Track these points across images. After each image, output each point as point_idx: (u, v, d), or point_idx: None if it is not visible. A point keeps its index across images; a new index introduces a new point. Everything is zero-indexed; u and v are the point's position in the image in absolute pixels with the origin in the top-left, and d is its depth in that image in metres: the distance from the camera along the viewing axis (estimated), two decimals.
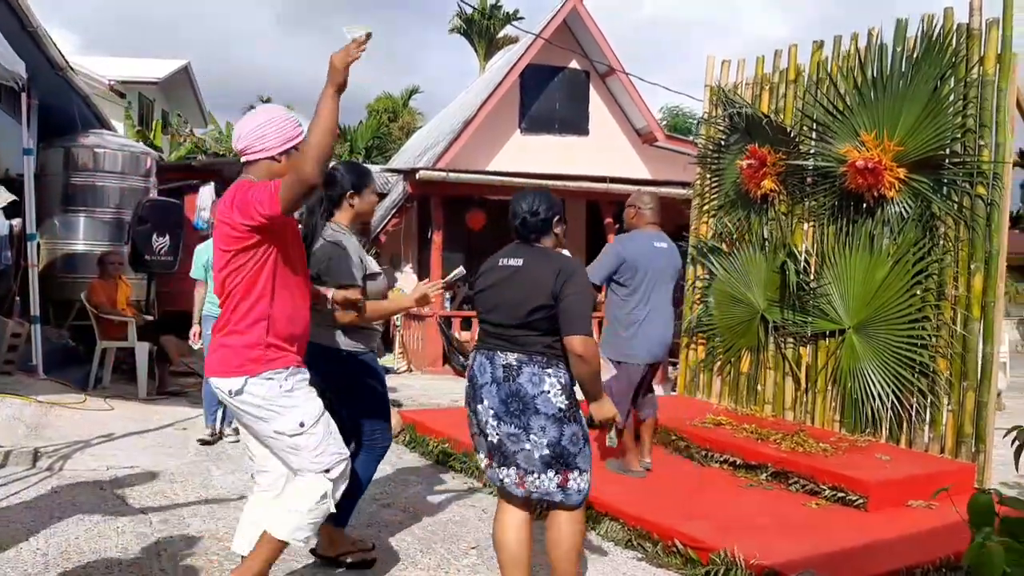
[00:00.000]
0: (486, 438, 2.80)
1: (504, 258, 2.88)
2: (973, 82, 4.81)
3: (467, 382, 2.89)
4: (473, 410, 2.84)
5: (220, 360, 2.59)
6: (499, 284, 2.82)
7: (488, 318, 2.84)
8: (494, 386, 2.74)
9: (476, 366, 2.83)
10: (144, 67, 22.50)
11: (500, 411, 2.73)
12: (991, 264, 4.72)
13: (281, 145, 2.59)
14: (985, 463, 4.66)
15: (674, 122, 29.43)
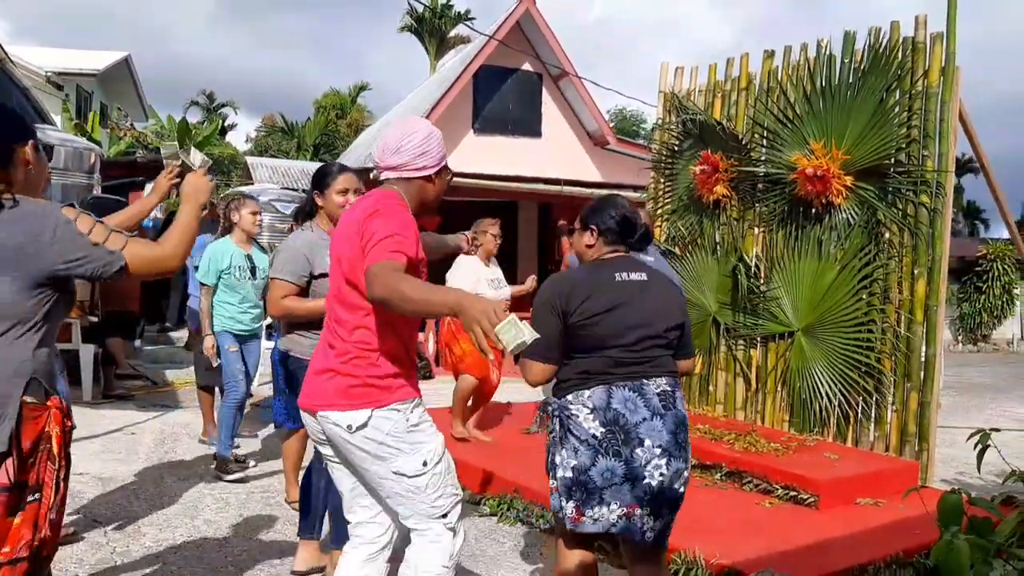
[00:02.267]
0: (638, 482, 2.33)
1: (620, 272, 2.48)
2: (918, 94, 4.99)
3: (595, 428, 2.35)
4: (625, 459, 2.33)
5: (337, 390, 2.19)
6: (631, 302, 2.44)
7: (622, 343, 2.40)
8: (658, 419, 2.36)
9: (618, 404, 2.36)
10: (82, 59, 21.84)
11: (671, 446, 2.36)
12: (934, 270, 4.91)
13: (437, 164, 2.32)
14: (928, 461, 4.84)
15: (621, 125, 29.80)
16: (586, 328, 2.41)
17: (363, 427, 2.15)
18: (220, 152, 24.73)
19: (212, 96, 34.40)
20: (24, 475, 1.80)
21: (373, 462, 2.18)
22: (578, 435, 2.36)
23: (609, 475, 2.33)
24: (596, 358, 2.41)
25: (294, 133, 29.67)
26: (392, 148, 2.28)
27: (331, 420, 2.18)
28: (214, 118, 31.64)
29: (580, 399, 2.39)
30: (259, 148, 32.12)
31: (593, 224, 2.57)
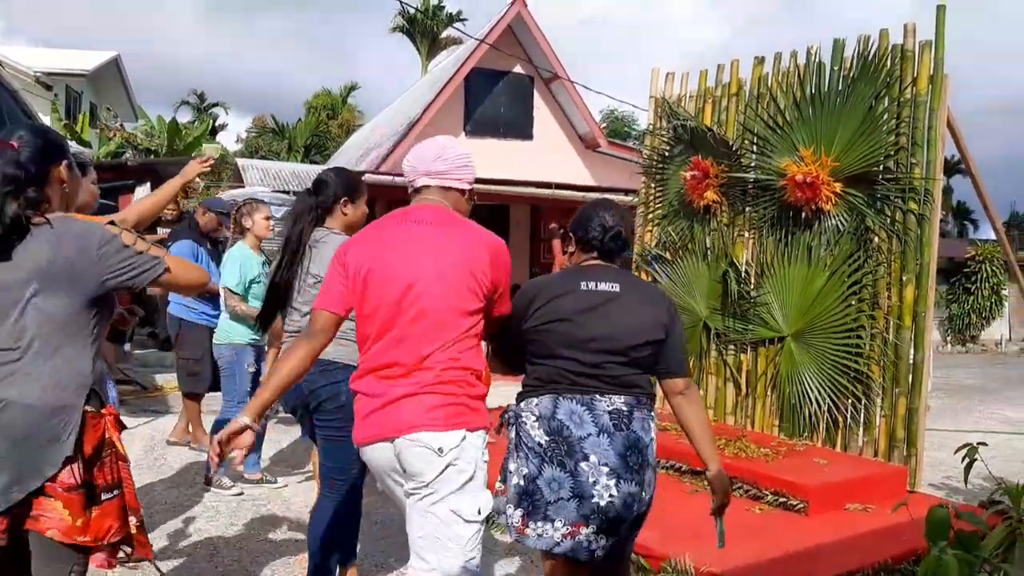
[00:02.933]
0: (584, 500, 2.24)
1: (588, 281, 2.37)
2: (906, 102, 5.03)
3: (539, 436, 2.29)
4: (570, 471, 2.24)
5: (429, 409, 2.07)
6: (591, 312, 2.33)
7: (575, 354, 2.32)
8: (604, 437, 2.26)
9: (564, 415, 2.29)
10: (72, 59, 21.77)
11: (619, 467, 2.26)
12: (922, 276, 4.94)
13: (471, 182, 2.36)
14: (916, 466, 4.88)
15: (613, 126, 29.83)
16: (539, 333, 2.36)
17: (456, 447, 2.06)
18: None
19: (203, 96, 34.32)
20: (91, 476, 2.01)
21: (446, 488, 2.06)
22: (527, 443, 2.31)
23: (556, 486, 2.25)
24: (548, 366, 2.36)
25: (285, 134, 29.60)
26: (432, 156, 2.30)
27: (421, 442, 2.04)
28: (205, 118, 31.52)
29: (530, 406, 2.35)
30: (250, 149, 32.03)
31: (572, 231, 2.52)
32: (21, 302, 1.96)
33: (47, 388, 1.96)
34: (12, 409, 1.93)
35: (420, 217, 2.24)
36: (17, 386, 1.95)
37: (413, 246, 2.18)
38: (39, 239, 1.98)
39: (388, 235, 2.24)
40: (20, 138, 2.05)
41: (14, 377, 1.95)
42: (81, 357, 2.02)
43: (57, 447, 1.95)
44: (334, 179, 3.17)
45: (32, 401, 1.94)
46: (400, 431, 2.07)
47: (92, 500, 2.00)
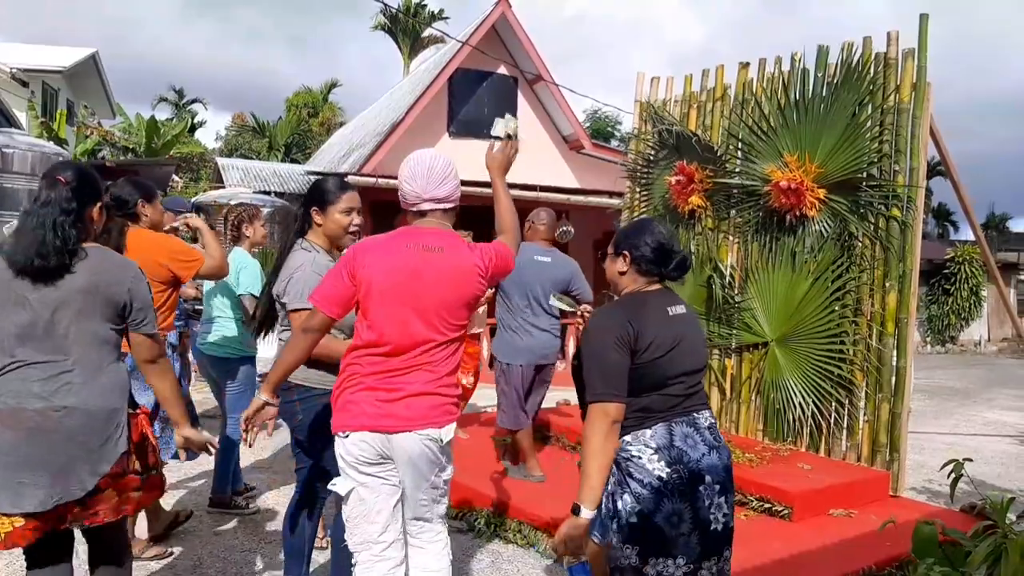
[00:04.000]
0: (705, 531, 2.24)
1: (669, 307, 2.40)
2: (889, 109, 5.06)
3: (659, 470, 2.23)
4: (689, 498, 2.23)
5: (434, 408, 2.41)
6: (685, 337, 2.37)
7: (680, 379, 2.34)
8: (714, 454, 2.29)
9: (679, 441, 2.27)
10: (48, 55, 21.50)
11: (726, 481, 2.31)
12: (904, 282, 4.98)
13: (458, 193, 2.55)
14: (899, 471, 4.91)
15: (596, 126, 29.88)
16: (655, 366, 2.29)
17: (450, 438, 2.43)
18: (190, 151, 24.39)
19: (181, 92, 33.96)
20: (139, 463, 2.42)
21: (438, 469, 2.44)
22: (640, 478, 2.24)
23: (676, 520, 2.21)
24: (656, 395, 2.31)
25: (265, 132, 29.37)
26: (440, 177, 2.44)
27: (430, 436, 2.38)
28: (183, 115, 31.24)
29: (641, 439, 2.28)
30: (229, 147, 31.75)
31: (626, 250, 2.44)
32: (66, 320, 2.28)
33: (103, 395, 2.31)
34: (75, 415, 2.25)
35: (431, 243, 2.41)
36: (75, 394, 2.26)
37: (427, 272, 2.39)
38: (82, 266, 2.32)
39: (402, 259, 2.40)
40: (67, 177, 2.36)
41: (71, 387, 2.26)
42: (119, 367, 2.40)
43: (113, 446, 2.30)
44: (310, 187, 3.12)
45: (92, 407, 2.28)
46: (410, 427, 2.36)
47: (139, 486, 2.42)
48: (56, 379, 2.25)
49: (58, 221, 2.27)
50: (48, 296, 2.26)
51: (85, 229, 2.37)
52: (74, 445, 2.23)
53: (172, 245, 3.69)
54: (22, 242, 2.27)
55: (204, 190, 17.98)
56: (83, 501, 2.26)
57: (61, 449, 2.23)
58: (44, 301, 2.26)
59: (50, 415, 2.23)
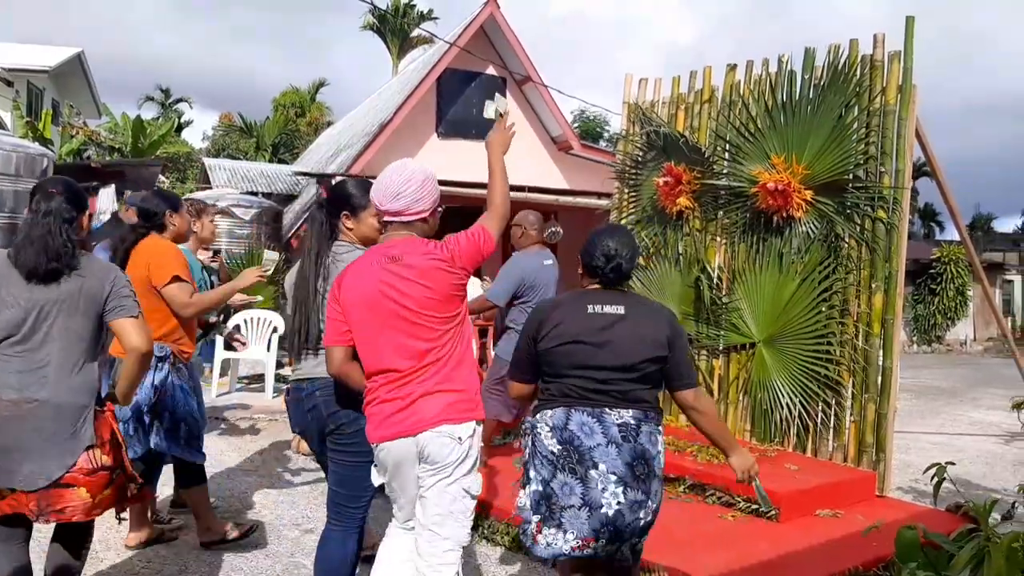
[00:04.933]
0: (594, 511, 2.42)
1: (594, 304, 2.59)
2: (875, 111, 5.09)
3: (552, 445, 2.50)
4: (580, 477, 2.44)
5: (447, 405, 2.41)
6: (599, 333, 2.54)
7: (586, 373, 2.53)
8: (612, 447, 2.44)
9: (575, 426, 2.48)
10: (33, 54, 21.34)
11: (626, 476, 2.43)
12: (890, 283, 5.01)
13: (432, 206, 2.59)
14: (885, 471, 4.94)
15: (585, 127, 29.90)
16: (551, 354, 2.57)
17: (471, 437, 2.42)
18: (176, 150, 24.25)
19: (168, 92, 33.78)
20: (109, 459, 2.54)
21: (455, 471, 2.42)
22: (541, 451, 2.52)
23: (568, 490, 2.43)
24: (561, 383, 2.57)
25: (252, 132, 29.24)
26: (392, 193, 2.50)
27: (448, 433, 2.38)
28: (170, 114, 31.08)
29: (544, 418, 2.55)
30: (216, 147, 31.59)
31: (580, 256, 2.72)
32: (51, 320, 2.47)
33: (72, 391, 2.48)
34: (45, 408, 2.43)
35: (391, 253, 2.49)
36: (48, 388, 2.44)
37: (393, 284, 2.44)
38: (78, 268, 2.52)
39: (370, 280, 2.48)
40: (57, 188, 2.60)
41: (45, 381, 2.44)
42: (92, 366, 2.57)
43: (77, 440, 2.45)
44: (334, 194, 3.06)
45: (60, 401, 2.45)
46: (422, 428, 2.39)
47: (109, 482, 2.53)
48: (33, 373, 2.44)
49: (62, 228, 2.52)
50: (40, 296, 2.47)
51: (78, 237, 2.61)
52: (42, 436, 2.41)
53: (159, 247, 3.66)
54: (32, 248, 2.49)
55: (191, 190, 17.91)
56: (48, 494, 2.41)
57: (30, 438, 2.41)
58: (35, 301, 2.47)
59: (23, 406, 2.42)
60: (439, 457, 2.40)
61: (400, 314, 2.43)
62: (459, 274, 2.48)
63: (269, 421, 7.16)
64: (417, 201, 2.53)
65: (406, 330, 2.43)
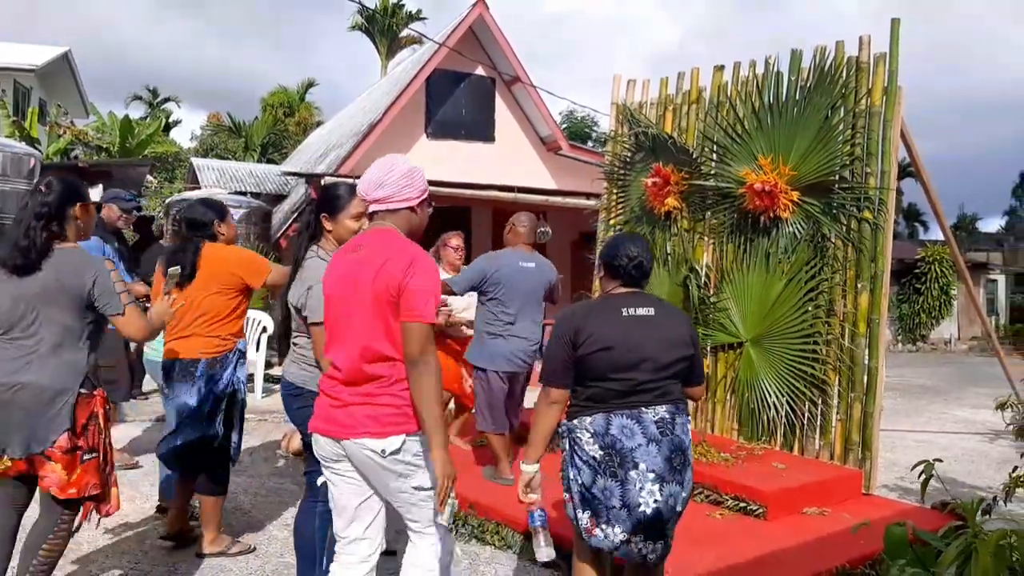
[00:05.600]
0: (632, 511, 2.53)
1: (627, 308, 2.68)
2: (861, 113, 5.13)
3: (594, 451, 2.59)
4: (620, 480, 2.54)
5: (372, 418, 2.36)
6: (635, 336, 2.63)
7: (626, 375, 2.61)
8: (653, 446, 2.55)
9: (616, 431, 2.58)
10: (20, 53, 21.18)
11: (664, 471, 2.55)
12: (876, 283, 5.05)
13: (420, 196, 2.53)
14: (872, 469, 4.98)
15: (573, 127, 29.94)
16: (592, 359, 2.63)
17: (396, 452, 2.36)
18: (164, 150, 24.12)
19: (155, 91, 33.56)
20: (82, 441, 2.73)
21: (396, 479, 2.40)
22: (581, 456, 2.62)
23: (608, 494, 2.55)
24: (599, 387, 2.64)
25: (241, 132, 29.12)
26: (376, 182, 2.47)
27: (367, 447, 2.36)
28: (157, 114, 30.89)
29: (583, 424, 2.63)
30: (205, 147, 31.44)
31: (602, 260, 2.82)
32: (36, 309, 2.69)
33: (52, 375, 2.68)
34: (28, 390, 2.66)
35: (358, 243, 2.51)
36: (31, 373, 2.66)
37: (354, 276, 2.43)
38: (53, 262, 2.72)
39: (337, 270, 2.52)
40: (48, 183, 2.79)
41: (30, 366, 2.67)
42: (78, 352, 2.76)
43: (59, 420, 2.67)
44: (320, 194, 3.11)
45: (42, 384, 2.67)
46: (347, 435, 2.38)
47: (80, 461, 2.71)
48: (20, 359, 2.68)
49: (33, 225, 2.70)
50: (25, 289, 2.69)
51: (62, 232, 2.78)
52: (25, 415, 2.65)
53: (242, 256, 3.86)
54: (7, 245, 2.73)
55: (179, 190, 17.83)
56: (31, 463, 2.68)
57: (15, 417, 2.66)
58: (22, 294, 2.69)
59: (10, 388, 2.67)
60: (368, 469, 2.42)
61: (350, 309, 2.43)
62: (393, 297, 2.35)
63: (259, 421, 7.14)
64: (402, 188, 2.48)
65: (356, 326, 2.40)
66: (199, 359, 3.68)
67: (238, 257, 3.82)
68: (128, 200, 5.60)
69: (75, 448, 2.69)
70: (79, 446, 2.71)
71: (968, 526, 2.16)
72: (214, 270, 3.73)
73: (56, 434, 2.66)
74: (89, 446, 2.74)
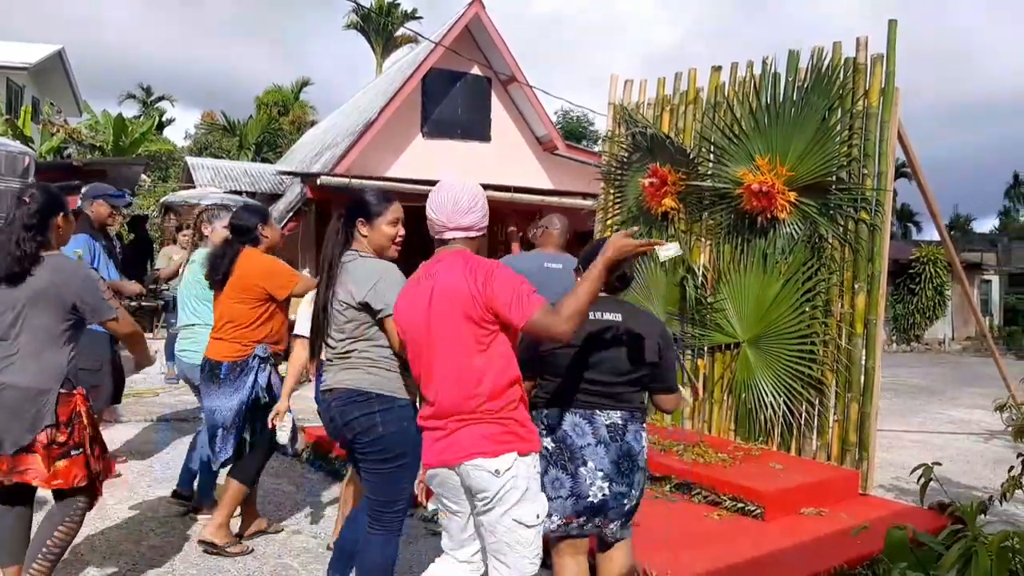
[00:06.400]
0: (580, 499, 2.63)
1: (594, 311, 2.67)
2: (858, 114, 5.14)
3: (547, 443, 2.67)
4: (571, 473, 2.64)
5: (484, 438, 2.35)
6: (597, 338, 2.69)
7: (584, 375, 2.68)
8: (601, 447, 2.64)
9: (568, 427, 2.67)
10: (13, 51, 21.08)
11: (611, 472, 2.63)
12: (873, 284, 5.06)
13: (484, 221, 2.57)
14: (868, 470, 4.99)
15: (568, 127, 29.96)
16: (552, 356, 2.70)
17: (509, 469, 2.33)
18: (158, 149, 24.04)
19: (149, 90, 33.44)
20: (64, 437, 2.85)
21: (503, 510, 2.35)
22: None
23: (558, 484, 2.64)
24: (557, 384, 2.72)
25: (235, 131, 29.05)
26: (465, 208, 2.49)
27: (481, 468, 2.34)
28: (151, 112, 30.78)
29: (540, 415, 2.71)
30: (199, 146, 31.34)
31: (580, 265, 2.87)
32: (19, 314, 2.82)
33: (35, 376, 2.82)
34: (10, 390, 2.80)
35: (431, 271, 2.50)
36: (13, 374, 2.80)
37: (430, 303, 2.43)
38: (46, 268, 2.84)
39: (411, 296, 2.53)
40: (32, 195, 2.92)
41: (12, 368, 2.81)
42: (58, 355, 2.88)
43: (40, 418, 2.80)
44: (351, 201, 3.07)
45: (24, 385, 2.80)
46: (459, 459, 2.37)
47: (63, 455, 2.85)
48: (3, 360, 2.82)
49: (21, 236, 2.83)
50: (15, 295, 2.81)
51: (47, 240, 2.91)
52: (8, 413, 2.78)
53: (269, 267, 3.91)
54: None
55: (173, 189, 17.76)
56: (16, 459, 2.80)
57: (1, 415, 2.79)
58: (13, 300, 2.82)
59: None
60: (479, 491, 2.38)
61: (431, 337, 2.42)
62: (482, 313, 2.36)
63: None
64: (484, 216, 2.54)
65: (439, 353, 2.42)
66: (222, 362, 3.85)
67: (264, 269, 3.90)
68: (117, 196, 5.55)
69: (53, 443, 2.81)
70: (59, 441, 2.82)
71: (968, 528, 2.16)
72: (241, 279, 3.86)
73: (36, 431, 2.79)
74: (75, 442, 2.87)
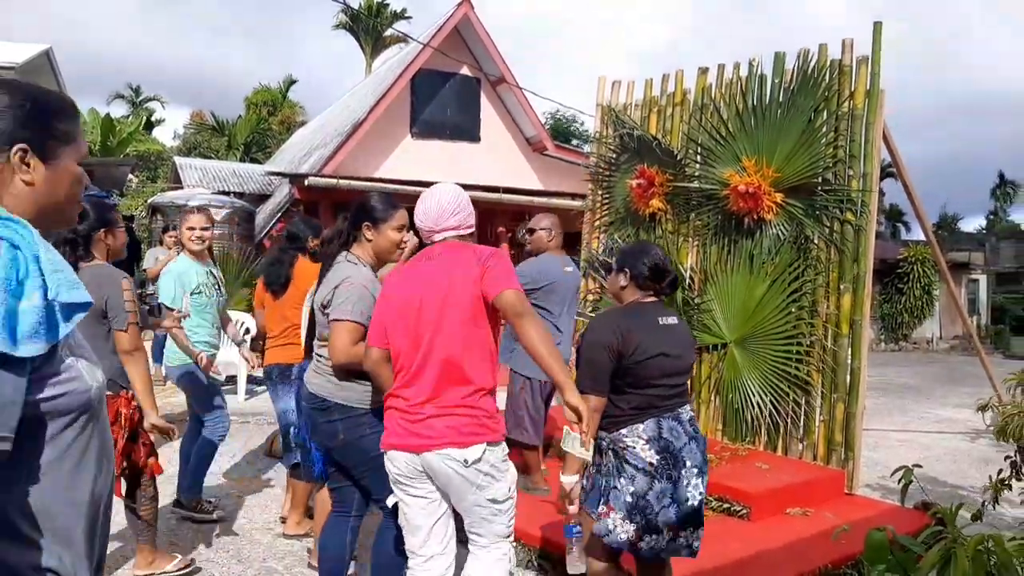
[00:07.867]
0: (681, 505, 2.68)
1: (661, 317, 2.85)
2: (844, 115, 5.17)
3: (651, 457, 2.68)
4: (674, 480, 2.68)
5: (454, 429, 2.42)
6: (672, 343, 2.79)
7: (669, 381, 2.77)
8: (693, 443, 2.74)
9: (667, 433, 2.71)
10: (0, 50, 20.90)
11: (702, 464, 2.75)
12: (858, 284, 5.09)
13: (471, 220, 2.70)
14: (854, 469, 5.02)
15: (556, 127, 29.99)
16: (641, 367, 2.73)
17: (477, 461, 2.41)
18: (146, 149, 23.96)
19: (138, 90, 33.30)
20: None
21: (475, 492, 2.45)
22: (635, 464, 2.69)
23: (663, 496, 2.66)
24: (641, 395, 2.74)
25: (224, 131, 28.94)
26: (451, 210, 2.58)
27: (450, 457, 2.40)
28: (139, 112, 30.67)
29: (635, 432, 2.71)
30: (187, 146, 31.22)
31: (627, 267, 2.90)
32: None
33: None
34: None
35: (431, 253, 2.59)
36: None
37: (427, 283, 2.50)
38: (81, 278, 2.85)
39: (408, 275, 2.58)
40: (82, 212, 2.99)
41: None
42: (104, 356, 2.99)
43: None
44: (358, 204, 3.08)
45: None
46: (429, 447, 2.42)
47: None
48: None
49: (62, 252, 2.95)
50: None
51: (87, 254, 3.22)
52: None
53: None
54: None
55: (161, 190, 17.69)
56: None
57: None
58: None
59: None
60: (446, 480, 2.45)
61: (424, 317, 2.47)
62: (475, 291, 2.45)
63: (241, 424, 7.10)
64: (470, 215, 2.64)
65: (429, 335, 2.45)
66: (292, 364, 4.04)
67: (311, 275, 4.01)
68: (102, 198, 5.54)
69: None
70: None
71: (948, 530, 2.18)
72: (302, 285, 3.96)
73: None
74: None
